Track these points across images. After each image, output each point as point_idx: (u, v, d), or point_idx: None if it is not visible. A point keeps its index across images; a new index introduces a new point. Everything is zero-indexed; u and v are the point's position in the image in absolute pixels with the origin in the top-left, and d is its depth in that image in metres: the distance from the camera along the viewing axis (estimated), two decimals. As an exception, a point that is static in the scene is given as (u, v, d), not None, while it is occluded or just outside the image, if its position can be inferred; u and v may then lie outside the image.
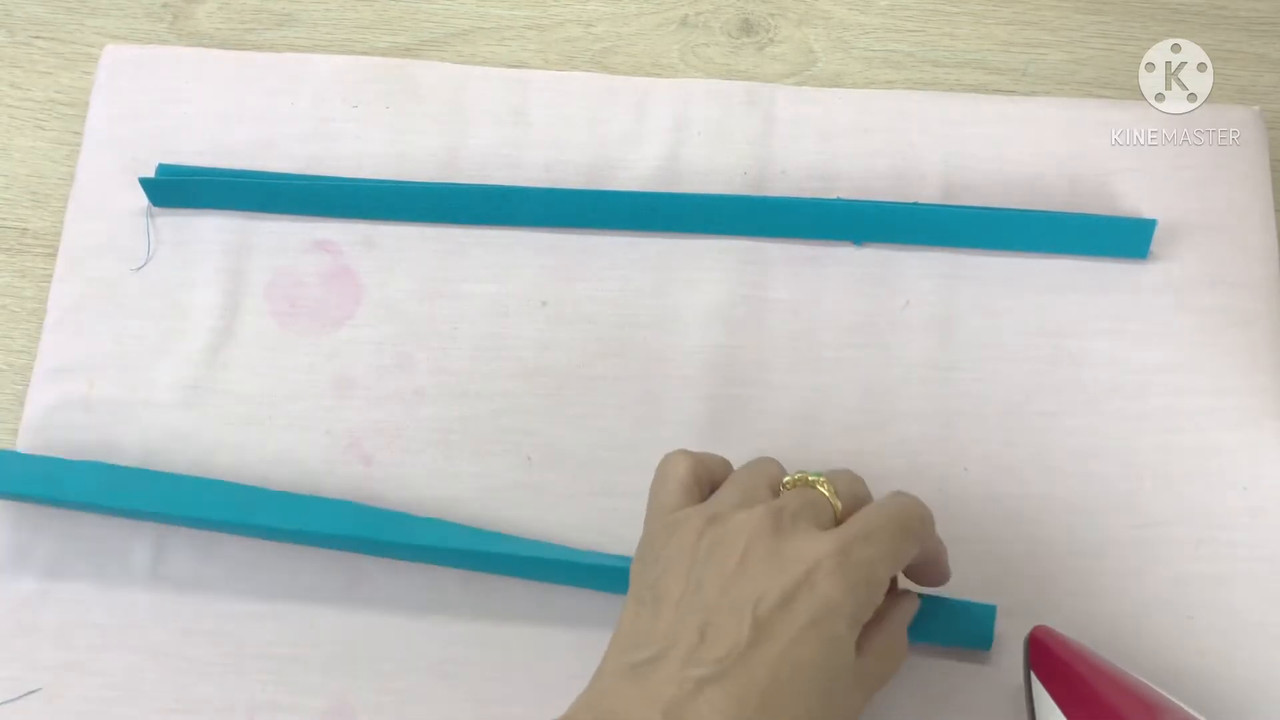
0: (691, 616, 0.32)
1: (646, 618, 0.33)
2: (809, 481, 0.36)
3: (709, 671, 0.31)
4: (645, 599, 0.33)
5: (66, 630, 0.41)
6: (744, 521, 0.34)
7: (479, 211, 0.46)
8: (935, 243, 0.46)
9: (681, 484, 0.36)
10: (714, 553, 0.33)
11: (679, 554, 0.34)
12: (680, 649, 0.31)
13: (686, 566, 0.33)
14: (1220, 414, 0.43)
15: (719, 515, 0.34)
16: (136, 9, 0.50)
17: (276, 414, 0.44)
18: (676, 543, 0.34)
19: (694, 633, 0.32)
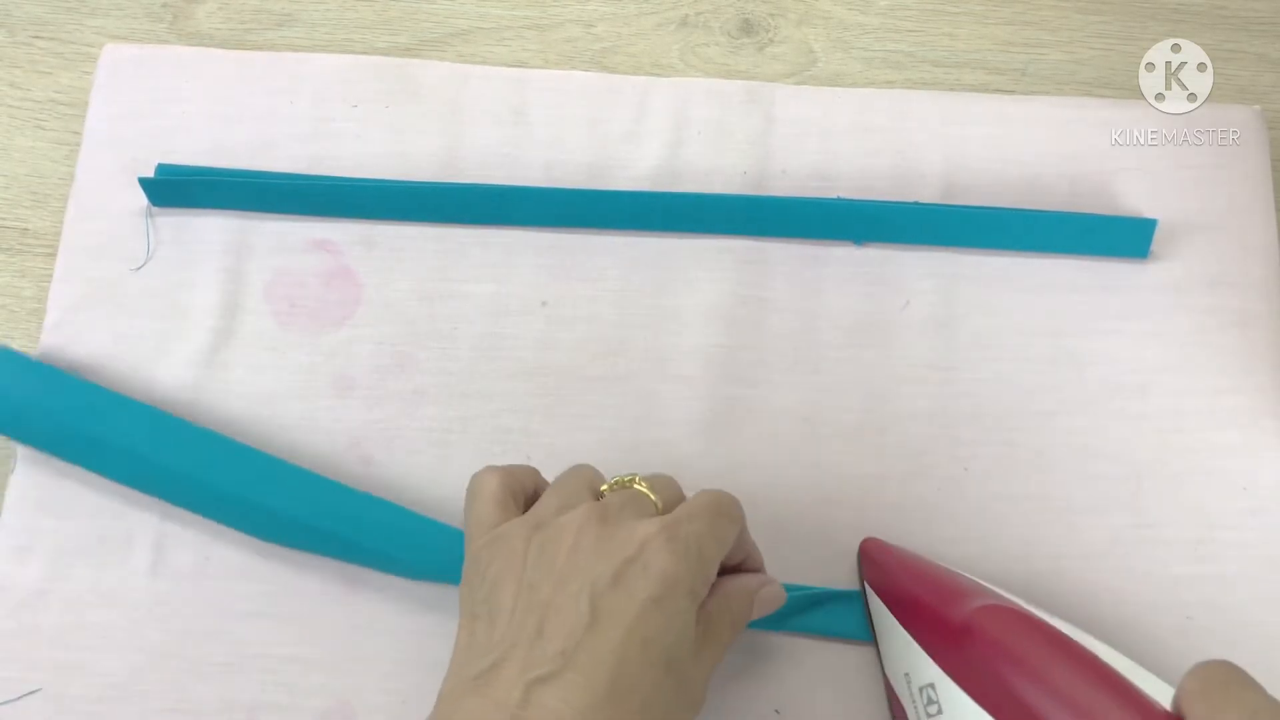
0: (528, 618, 0.32)
1: (483, 631, 0.32)
2: (626, 483, 0.36)
3: (552, 667, 0.31)
4: (480, 614, 0.33)
5: (66, 630, 0.41)
6: (569, 520, 0.34)
7: (479, 211, 0.46)
8: (935, 242, 0.46)
9: (495, 500, 0.36)
10: (543, 553, 0.33)
11: (507, 565, 0.33)
12: (520, 650, 0.31)
13: (518, 574, 0.33)
14: (1220, 414, 0.43)
15: (543, 521, 0.34)
16: (136, 9, 0.50)
17: (276, 414, 0.44)
18: (503, 555, 0.34)
19: (531, 632, 0.31)
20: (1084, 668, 0.34)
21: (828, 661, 0.40)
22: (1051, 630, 0.35)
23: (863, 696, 0.40)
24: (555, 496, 0.36)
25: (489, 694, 0.30)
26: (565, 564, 0.33)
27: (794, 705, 0.40)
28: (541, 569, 0.33)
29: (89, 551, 0.42)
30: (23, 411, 0.42)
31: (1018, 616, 0.36)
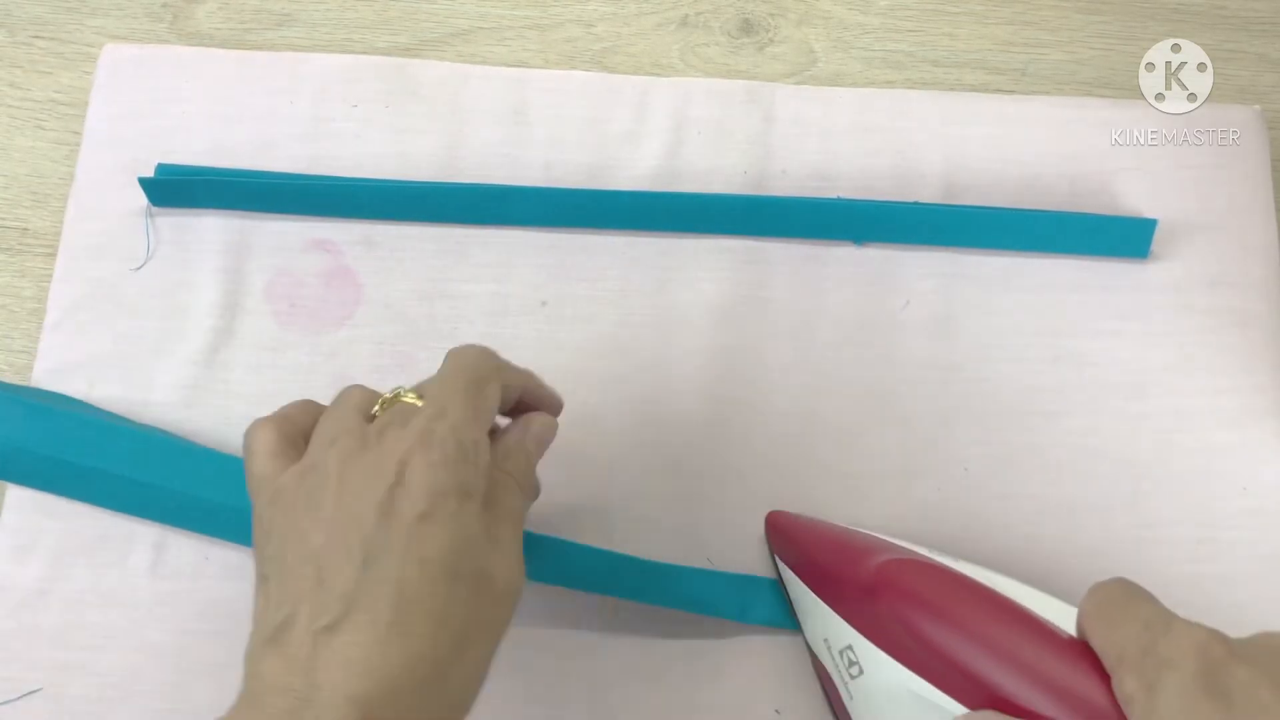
0: (308, 570, 0.31)
1: (274, 590, 0.32)
2: (393, 399, 0.35)
3: (334, 615, 0.30)
4: (269, 574, 0.32)
5: (66, 630, 0.41)
6: (330, 457, 0.33)
7: (479, 211, 0.46)
8: (935, 242, 0.46)
9: (270, 453, 0.35)
10: (312, 500, 0.32)
11: (285, 520, 0.33)
12: (305, 606, 0.31)
13: (295, 526, 0.32)
14: (1220, 414, 0.43)
15: (312, 464, 0.33)
16: (136, 9, 0.50)
17: (276, 414, 0.44)
18: (283, 510, 0.33)
19: (313, 582, 0.31)
20: (989, 607, 0.34)
21: None
22: (955, 575, 0.36)
23: None
24: (325, 430, 0.35)
25: (281, 653, 0.30)
26: (334, 506, 0.32)
27: (794, 705, 0.40)
28: (311, 516, 0.32)
29: (89, 551, 0.42)
30: (4, 454, 0.41)
31: (920, 567, 0.36)
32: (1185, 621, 0.30)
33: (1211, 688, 0.28)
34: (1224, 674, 0.28)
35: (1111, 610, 0.31)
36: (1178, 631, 0.29)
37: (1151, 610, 0.31)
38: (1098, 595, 0.32)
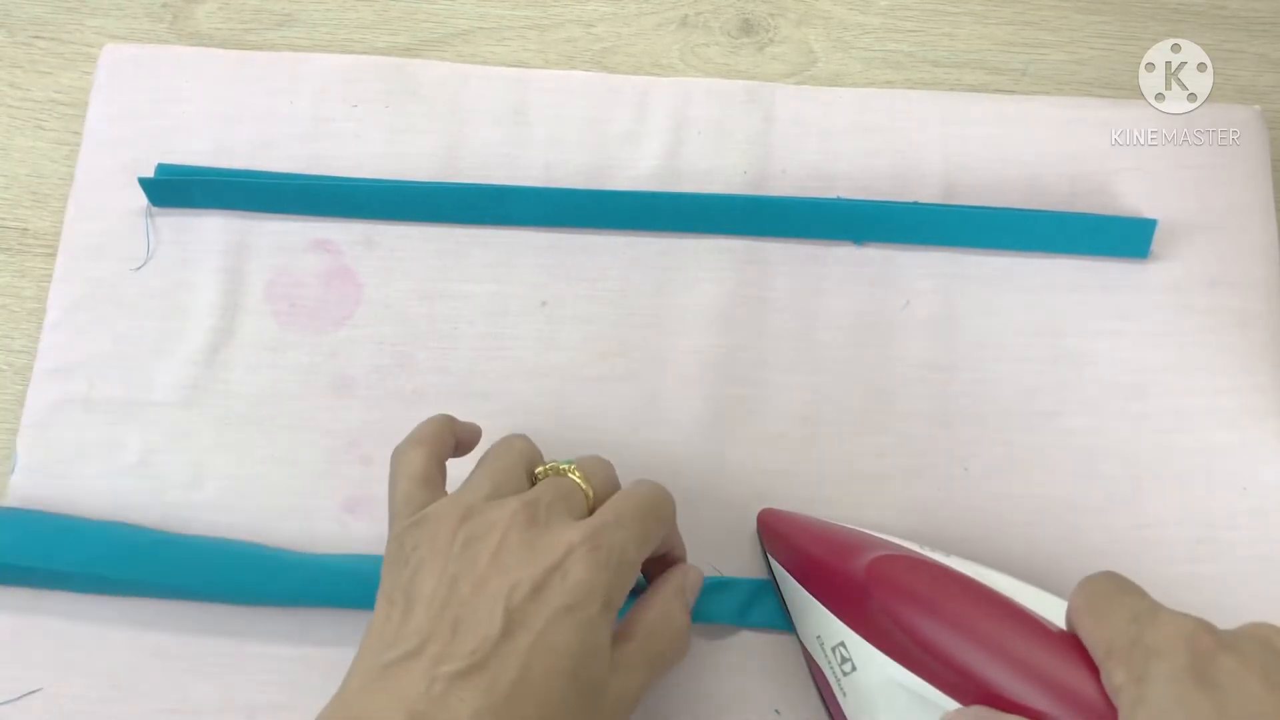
0: (446, 613, 0.32)
1: (398, 618, 0.32)
2: (561, 470, 0.36)
3: (459, 666, 0.31)
4: (397, 600, 0.33)
5: (66, 630, 0.41)
6: (499, 516, 0.34)
7: (478, 211, 0.46)
8: (935, 242, 0.46)
9: (420, 479, 0.36)
10: (469, 548, 0.33)
11: (431, 553, 0.33)
12: (433, 646, 0.31)
13: (442, 565, 0.33)
14: (1220, 414, 0.43)
15: (473, 509, 0.34)
16: (136, 9, 0.50)
17: (276, 414, 0.44)
18: (429, 540, 0.34)
19: (447, 629, 0.31)
20: (980, 603, 0.34)
21: None
22: (946, 571, 0.36)
23: None
24: (488, 477, 0.35)
25: (394, 687, 0.31)
26: (489, 564, 0.33)
27: (794, 705, 0.40)
28: (464, 564, 0.33)
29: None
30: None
31: (911, 563, 0.36)
32: (1172, 612, 0.30)
33: (1200, 677, 0.28)
34: (1212, 664, 0.28)
35: (1100, 603, 0.32)
36: (1165, 622, 0.30)
37: (1139, 602, 0.31)
38: (1087, 589, 0.33)
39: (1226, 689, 0.27)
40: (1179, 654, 0.28)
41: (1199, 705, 0.27)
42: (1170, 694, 0.28)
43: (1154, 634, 0.29)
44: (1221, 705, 0.27)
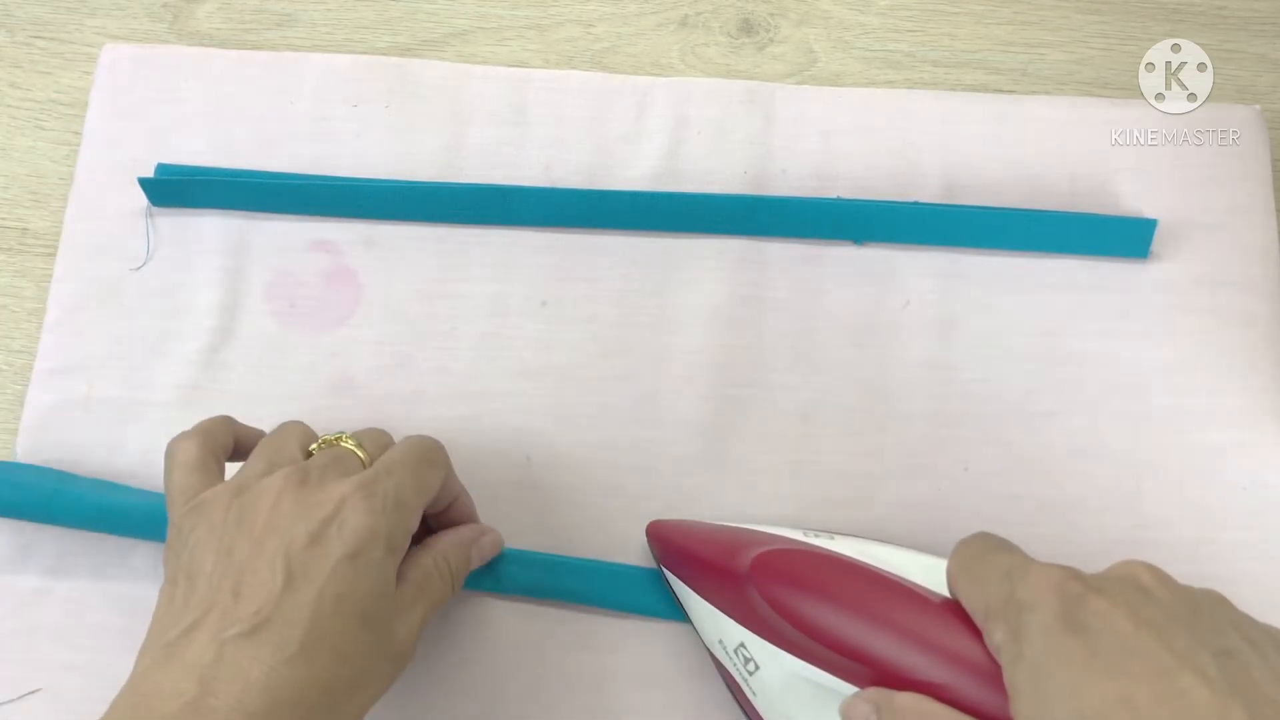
0: (225, 581, 0.32)
1: (180, 596, 0.33)
2: (334, 441, 0.37)
3: (245, 627, 0.31)
4: (179, 581, 0.33)
5: (66, 630, 0.41)
6: (270, 483, 0.34)
7: (479, 211, 0.46)
8: (935, 242, 0.46)
9: (193, 466, 0.36)
10: (243, 518, 0.33)
11: (208, 532, 0.34)
12: (216, 613, 0.31)
13: (217, 539, 0.33)
14: (1220, 414, 0.43)
15: (245, 485, 0.34)
16: (136, 9, 0.50)
17: (276, 414, 0.44)
18: (205, 522, 0.34)
19: (229, 595, 0.32)
20: (861, 584, 0.35)
21: None
22: (826, 558, 0.36)
23: None
24: (262, 458, 0.36)
25: (180, 657, 0.31)
26: (264, 527, 0.33)
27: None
28: (240, 533, 0.33)
29: (89, 551, 0.42)
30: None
31: (790, 556, 0.37)
32: (1042, 564, 0.30)
33: (1070, 624, 0.28)
34: (1081, 608, 0.28)
35: (974, 565, 0.32)
36: (1035, 574, 0.30)
37: (1010, 559, 0.31)
38: (961, 552, 0.33)
39: (1097, 631, 0.28)
40: (1050, 604, 0.29)
41: (1072, 651, 0.28)
42: (1044, 645, 0.28)
43: (1025, 588, 0.30)
44: (1093, 648, 0.27)
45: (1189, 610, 0.29)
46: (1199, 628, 0.28)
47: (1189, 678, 0.26)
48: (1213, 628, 0.28)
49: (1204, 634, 0.28)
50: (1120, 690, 0.26)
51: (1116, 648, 0.27)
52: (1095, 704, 0.26)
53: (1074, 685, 0.27)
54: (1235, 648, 0.28)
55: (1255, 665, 0.27)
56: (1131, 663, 0.27)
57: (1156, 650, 0.27)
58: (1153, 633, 0.27)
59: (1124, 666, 0.27)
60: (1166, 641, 0.27)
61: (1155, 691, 0.26)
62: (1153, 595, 0.29)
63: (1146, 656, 0.27)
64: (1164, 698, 0.26)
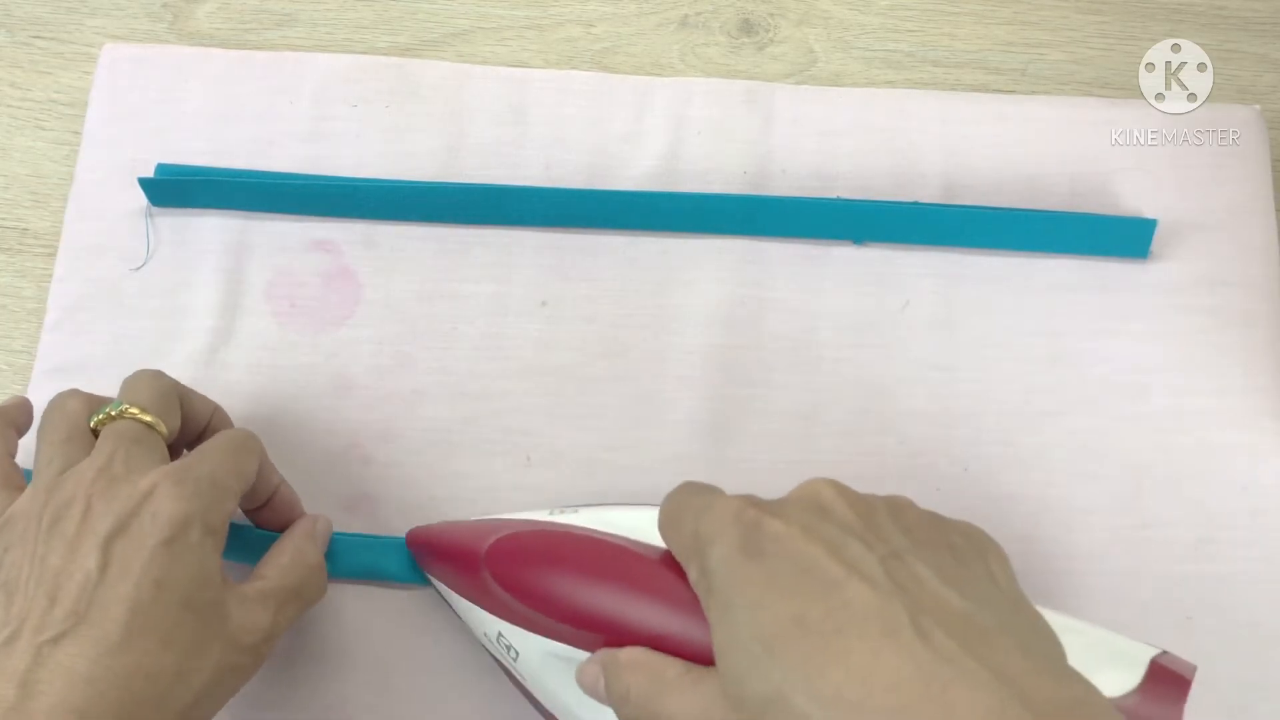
0: (40, 589, 0.32)
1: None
2: (115, 415, 0.37)
3: (63, 626, 0.31)
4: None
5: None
6: (76, 487, 0.34)
7: (479, 211, 0.46)
8: (935, 242, 0.46)
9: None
10: (55, 526, 0.33)
11: (22, 545, 0.33)
12: (32, 620, 0.31)
13: (31, 550, 0.33)
14: (1220, 414, 0.43)
15: (50, 491, 0.34)
16: (136, 9, 0.50)
17: (276, 414, 0.44)
18: (18, 538, 0.34)
19: (44, 601, 0.32)
20: (583, 554, 0.35)
21: None
22: (548, 535, 0.37)
23: None
24: (55, 453, 0.36)
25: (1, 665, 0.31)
26: (76, 529, 0.33)
27: None
28: (54, 540, 0.33)
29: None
30: None
31: (516, 539, 0.37)
32: (725, 496, 0.31)
33: (749, 550, 0.28)
34: (758, 534, 0.29)
35: (673, 511, 0.32)
36: (717, 508, 0.30)
37: (701, 499, 0.31)
38: (664, 504, 0.33)
39: (773, 554, 0.28)
40: (729, 535, 0.29)
41: (750, 577, 0.28)
42: (726, 575, 0.28)
43: (707, 523, 0.30)
44: (770, 571, 0.28)
45: (864, 521, 0.29)
46: (872, 536, 0.29)
47: (855, 586, 0.27)
48: (886, 534, 0.29)
49: (876, 541, 0.28)
50: (793, 609, 0.27)
51: (790, 568, 0.28)
52: (771, 627, 0.27)
53: (753, 611, 0.27)
54: (904, 549, 0.28)
55: (923, 563, 0.28)
56: (803, 581, 0.27)
57: (827, 564, 0.27)
58: (825, 548, 0.28)
59: (797, 586, 0.27)
60: (837, 554, 0.27)
61: (825, 606, 0.26)
62: (830, 511, 0.29)
63: (817, 572, 0.27)
64: (832, 610, 0.26)
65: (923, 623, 0.26)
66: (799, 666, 0.26)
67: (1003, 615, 0.27)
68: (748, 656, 0.27)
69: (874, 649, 0.25)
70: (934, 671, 0.25)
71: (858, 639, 0.26)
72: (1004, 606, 0.28)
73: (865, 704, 0.25)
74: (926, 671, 0.25)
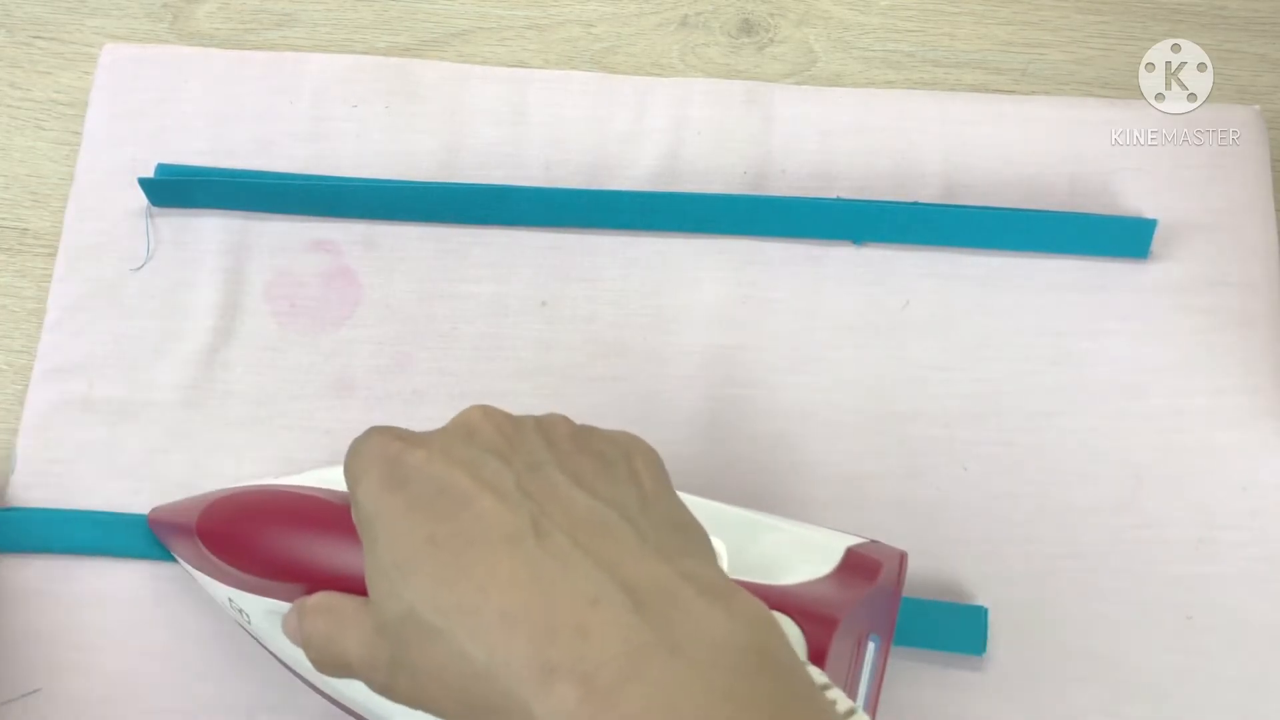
0: None
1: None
2: None
3: None
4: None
5: (66, 630, 0.41)
6: None
7: (479, 211, 0.46)
8: (935, 242, 0.46)
9: None
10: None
11: None
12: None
13: None
14: (1220, 414, 0.43)
15: None
16: (136, 9, 0.50)
17: (276, 414, 0.44)
18: None
19: None
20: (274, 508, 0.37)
21: None
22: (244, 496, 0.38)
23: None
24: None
25: None
26: None
27: None
28: None
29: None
30: None
31: (218, 505, 0.38)
32: (377, 433, 0.31)
33: (391, 481, 0.29)
34: (401, 465, 0.29)
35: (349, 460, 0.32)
36: (366, 446, 0.31)
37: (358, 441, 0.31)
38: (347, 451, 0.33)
39: (414, 482, 0.29)
40: (374, 470, 0.29)
41: (391, 505, 0.28)
42: (370, 507, 0.29)
43: (358, 462, 0.30)
44: (409, 498, 0.28)
45: (507, 440, 0.30)
46: (513, 452, 0.29)
47: (485, 499, 0.27)
48: (529, 449, 0.30)
49: (515, 456, 0.29)
50: (427, 530, 0.27)
51: (428, 492, 0.28)
52: (406, 550, 0.27)
53: (391, 537, 0.28)
54: (543, 461, 0.29)
55: (561, 470, 0.29)
56: (438, 502, 0.28)
57: (462, 484, 0.28)
58: (463, 469, 0.28)
59: (432, 507, 0.28)
60: (473, 473, 0.28)
61: (456, 523, 0.27)
62: (476, 434, 0.30)
63: (452, 492, 0.28)
64: (463, 525, 0.27)
65: (543, 525, 0.27)
66: (428, 583, 0.27)
67: (631, 510, 0.28)
68: (386, 581, 0.28)
69: (494, 556, 0.26)
70: (542, 568, 0.26)
71: (483, 549, 0.27)
72: (634, 502, 0.29)
73: (482, 609, 0.26)
74: (536, 570, 0.26)
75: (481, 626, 0.26)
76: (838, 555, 0.34)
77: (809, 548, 0.35)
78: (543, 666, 0.24)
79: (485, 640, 0.25)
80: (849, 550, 0.34)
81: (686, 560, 0.27)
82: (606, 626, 0.25)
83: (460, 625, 0.26)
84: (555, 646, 0.25)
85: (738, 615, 0.26)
